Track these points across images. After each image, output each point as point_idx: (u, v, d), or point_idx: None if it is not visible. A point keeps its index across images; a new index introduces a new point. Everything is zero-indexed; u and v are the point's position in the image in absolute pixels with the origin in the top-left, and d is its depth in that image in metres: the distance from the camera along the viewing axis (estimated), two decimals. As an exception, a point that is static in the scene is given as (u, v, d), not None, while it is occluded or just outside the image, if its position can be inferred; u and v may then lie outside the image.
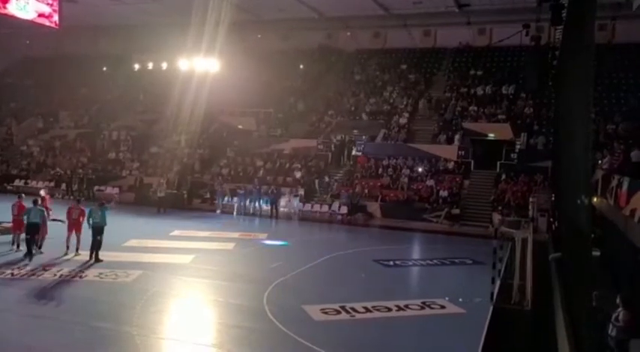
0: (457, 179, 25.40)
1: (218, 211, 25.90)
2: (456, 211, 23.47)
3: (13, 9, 16.23)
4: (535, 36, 22.00)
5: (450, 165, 26.28)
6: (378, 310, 11.13)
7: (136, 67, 34.19)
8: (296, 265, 14.92)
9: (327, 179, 27.54)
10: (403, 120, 29.50)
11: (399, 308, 11.29)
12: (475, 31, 32.94)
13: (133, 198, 28.06)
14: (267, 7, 30.84)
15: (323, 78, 34.69)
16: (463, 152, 26.53)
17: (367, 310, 11.08)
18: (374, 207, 25.11)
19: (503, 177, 24.68)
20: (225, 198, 26.61)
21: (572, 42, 8.76)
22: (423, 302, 11.70)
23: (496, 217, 21.11)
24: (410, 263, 16.89)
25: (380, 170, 27.17)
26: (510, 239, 13.17)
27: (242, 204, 25.85)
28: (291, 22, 33.36)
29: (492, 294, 11.51)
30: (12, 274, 12.94)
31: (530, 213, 21.03)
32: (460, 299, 11.87)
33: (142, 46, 34.22)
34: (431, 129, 28.82)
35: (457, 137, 26.87)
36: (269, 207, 25.11)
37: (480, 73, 31.21)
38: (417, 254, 19.35)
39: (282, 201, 25.42)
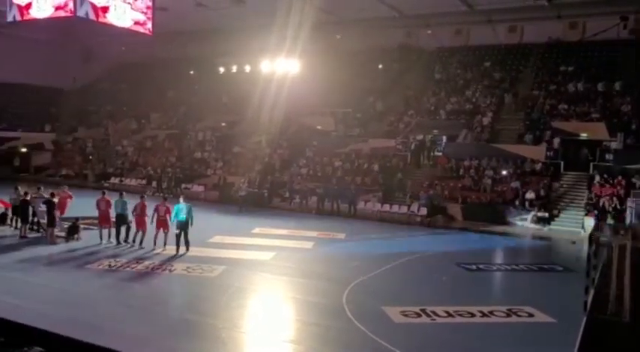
0: (545, 181, 24.15)
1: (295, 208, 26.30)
2: (544, 215, 22.31)
3: (112, 18, 17.31)
4: (635, 28, 20.49)
5: (538, 167, 25.02)
6: (460, 315, 10.78)
7: (221, 70, 35.47)
8: (375, 266, 14.81)
9: (399, 175, 27.00)
10: (486, 120, 28.48)
11: (483, 315, 10.87)
12: (566, 25, 31.11)
13: (217, 196, 29.06)
14: (347, 8, 30.88)
15: (402, 77, 34.26)
16: (552, 152, 25.20)
17: (449, 314, 10.76)
18: (455, 209, 24.42)
19: (597, 179, 23.16)
20: (304, 198, 26.91)
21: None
22: (509, 309, 11.18)
23: (589, 222, 19.88)
24: (494, 268, 16.26)
25: (461, 171, 26.40)
26: (606, 245, 12.33)
27: (320, 203, 26.09)
28: (371, 21, 33.17)
29: (586, 304, 10.80)
30: (109, 265, 13.83)
31: (628, 218, 19.59)
32: (550, 308, 11.26)
33: (227, 49, 35.40)
34: (516, 129, 27.64)
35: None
36: (347, 207, 25.18)
37: (571, 69, 29.51)
38: (501, 258, 18.60)
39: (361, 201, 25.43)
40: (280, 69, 29.11)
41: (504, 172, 25.32)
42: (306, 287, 12.75)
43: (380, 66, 34.97)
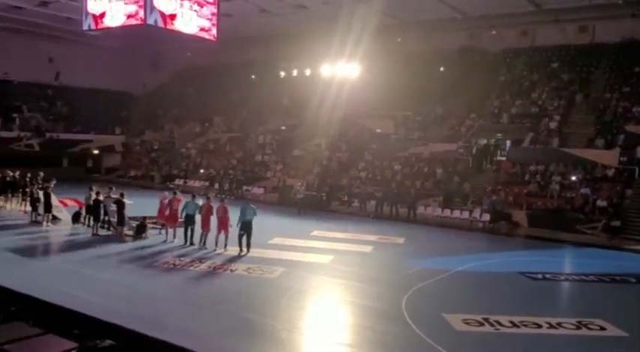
0: (618, 188, 22.90)
1: (353, 211, 26.24)
2: (617, 223, 21.12)
3: (179, 25, 17.98)
4: None
5: (610, 172, 23.78)
6: (525, 325, 10.40)
7: (282, 74, 35.94)
8: (435, 272, 14.54)
9: (457, 179, 26.36)
10: (554, 123, 27.37)
11: (551, 326, 10.43)
12: (641, 23, 29.47)
13: (276, 198, 29.45)
14: (409, 10, 30.56)
15: (464, 80, 33.47)
16: (626, 158, 23.87)
17: (514, 325, 10.41)
18: (519, 216, 23.57)
19: (676, 186, 21.74)
20: (363, 202, 26.79)
21: None
22: (579, 322, 10.67)
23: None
24: (561, 277, 15.55)
25: (527, 176, 25.49)
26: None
27: (379, 207, 25.93)
28: (433, 23, 32.70)
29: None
30: (174, 264, 14.32)
31: None
32: (622, 321, 10.66)
33: (288, 53, 35.92)
34: (586, 133, 26.36)
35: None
36: (406, 211, 24.89)
37: (647, 70, 27.91)
38: (569, 268, 17.79)
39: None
40: (340, 72, 29.18)
41: (573, 178, 24.23)
42: (364, 292, 12.70)
43: (441, 68, 34.37)
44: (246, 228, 15.48)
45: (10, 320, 9.19)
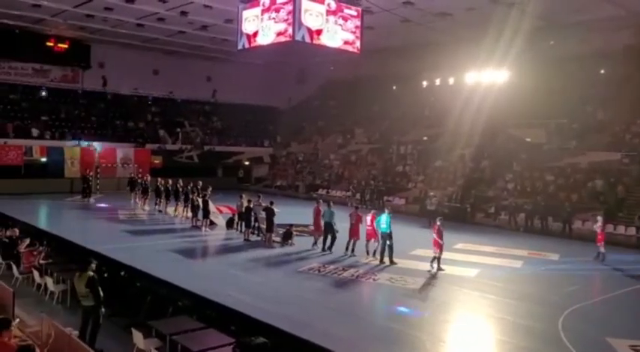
0: None
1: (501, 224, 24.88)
2: None
3: (325, 39, 18.55)
4: None
5: None
6: None
7: (424, 83, 35.49)
8: (597, 292, 13.30)
9: (623, 192, 23.64)
10: None
11: None
12: None
13: (417, 209, 29.02)
14: (563, 11, 28.38)
15: (629, 82, 30.09)
16: None
17: (697, 357, 9.08)
18: (700, 234, 20.59)
19: None
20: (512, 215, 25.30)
21: None
22: None
23: None
24: None
25: None
26: None
27: (529, 221, 24.29)
28: (590, 23, 29.89)
29: None
30: (318, 270, 14.77)
31: None
32: None
33: (430, 62, 35.33)
34: None
35: None
36: (560, 226, 23.02)
37: None
38: None
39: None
40: (486, 80, 28.02)
41: None
42: (515, 309, 11.93)
43: (601, 71, 31.32)
44: (384, 237, 15.48)
45: (177, 313, 10.19)
